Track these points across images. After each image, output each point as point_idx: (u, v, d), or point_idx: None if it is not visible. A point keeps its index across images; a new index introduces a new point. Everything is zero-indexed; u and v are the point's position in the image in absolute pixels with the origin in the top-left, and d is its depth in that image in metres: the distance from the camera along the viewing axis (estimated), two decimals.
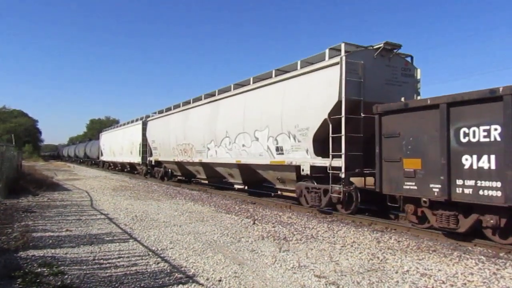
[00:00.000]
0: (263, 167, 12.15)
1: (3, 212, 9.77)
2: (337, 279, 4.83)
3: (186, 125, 17.30)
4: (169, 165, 20.46)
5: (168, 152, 19.61)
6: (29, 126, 76.81)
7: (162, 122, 20.65)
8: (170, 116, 19.73)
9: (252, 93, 12.72)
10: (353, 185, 9.32)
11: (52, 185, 17.77)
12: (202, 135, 15.61)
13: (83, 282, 4.70)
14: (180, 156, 18.02)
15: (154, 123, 22.18)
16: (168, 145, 19.39)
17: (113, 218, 9.23)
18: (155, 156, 21.88)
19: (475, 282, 4.75)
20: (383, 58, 9.77)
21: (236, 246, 6.54)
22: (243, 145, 12.84)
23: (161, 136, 20.44)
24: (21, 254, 5.84)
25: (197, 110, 16.68)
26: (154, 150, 21.98)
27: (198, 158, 16.11)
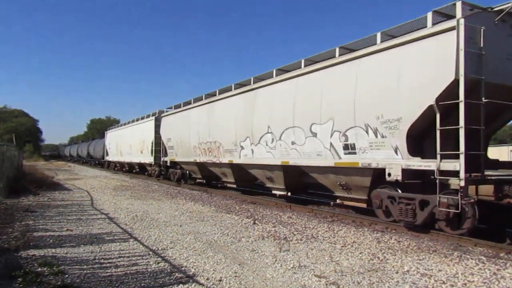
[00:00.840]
0: (321, 170, 9.84)
1: (3, 211, 9.79)
2: (337, 279, 4.83)
3: (212, 120, 14.90)
4: (188, 166, 17.99)
5: (187, 152, 17.13)
6: (29, 125, 76.79)
7: (180, 117, 17.99)
8: (190, 111, 17.06)
9: (306, 78, 10.18)
10: (473, 197, 7.13)
11: (52, 185, 17.78)
12: (234, 131, 13.25)
13: (83, 281, 4.71)
14: (203, 156, 15.72)
15: (169, 119, 19.43)
16: (188, 143, 16.91)
17: (114, 218, 9.23)
18: (171, 156, 19.26)
19: (476, 282, 4.75)
20: (505, 25, 7.35)
21: (236, 246, 6.54)
22: (293, 142, 10.42)
23: (179, 134, 17.92)
24: (22, 254, 5.85)
25: (225, 103, 14.18)
26: (169, 150, 19.33)
27: (228, 158, 13.81)
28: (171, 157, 19.27)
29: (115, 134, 32.68)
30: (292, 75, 10.78)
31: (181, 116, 17.97)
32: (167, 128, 19.73)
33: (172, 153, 19.06)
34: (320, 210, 10.34)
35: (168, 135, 19.46)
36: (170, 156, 19.36)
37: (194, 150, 16.40)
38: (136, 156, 25.73)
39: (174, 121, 18.75)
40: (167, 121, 19.89)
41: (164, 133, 20.05)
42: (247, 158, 12.71)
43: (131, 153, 26.85)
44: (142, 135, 24.02)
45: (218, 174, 15.67)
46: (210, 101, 15.33)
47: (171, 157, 19.33)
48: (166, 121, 19.95)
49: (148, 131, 22.90)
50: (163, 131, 20.28)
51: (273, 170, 11.69)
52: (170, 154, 19.42)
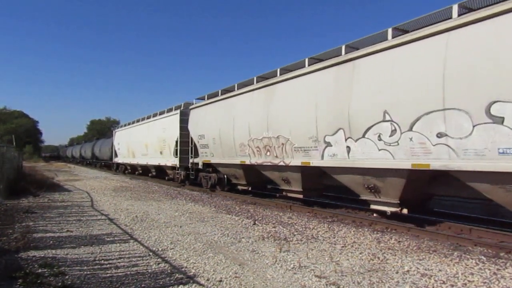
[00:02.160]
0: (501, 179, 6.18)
1: (3, 212, 9.78)
2: (337, 280, 4.84)
3: (272, 108, 11.14)
4: (228, 169, 14.29)
5: (229, 151, 13.51)
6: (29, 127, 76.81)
7: (218, 108, 14.36)
8: (234, 100, 13.37)
9: (465, 32, 6.52)
10: None
11: (52, 186, 17.77)
12: (313, 122, 9.51)
13: (83, 282, 4.71)
14: (256, 157, 12.01)
15: (202, 112, 15.74)
16: (230, 140, 13.28)
17: (114, 219, 9.23)
18: (204, 157, 15.53)
19: (476, 282, 4.76)
20: None
21: (236, 247, 6.55)
22: (440, 134, 6.81)
23: (217, 129, 14.13)
24: (22, 255, 5.85)
25: (295, 84, 10.42)
26: (202, 149, 15.59)
27: (299, 159, 10.15)
28: (205, 158, 15.46)
29: (126, 132, 28.42)
30: (439, 29, 6.91)
31: (220, 107, 14.26)
32: (198, 123, 15.89)
33: (206, 153, 15.31)
34: (320, 211, 10.34)
35: (200, 131, 15.62)
36: (204, 157, 15.56)
37: (241, 149, 12.69)
38: (154, 158, 21.70)
39: (209, 114, 15.01)
40: (198, 114, 16.12)
41: (194, 129, 16.25)
42: (337, 159, 9.04)
43: (147, 154, 22.90)
44: (163, 132, 20.09)
45: (276, 180, 11.95)
46: (266, 84, 11.57)
47: (204, 158, 15.51)
48: (197, 114, 16.17)
49: (170, 127, 19.06)
50: (192, 127, 16.51)
51: (386, 177, 8.12)
52: (203, 154, 15.63)
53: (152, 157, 22.03)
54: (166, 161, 19.80)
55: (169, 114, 19.73)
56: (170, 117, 19.47)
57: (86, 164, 49.84)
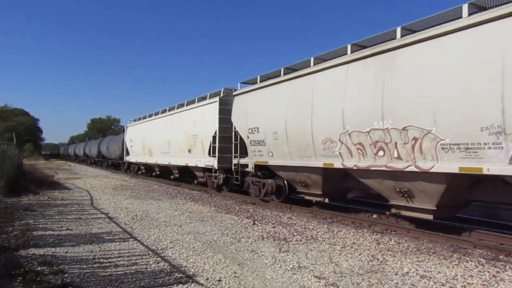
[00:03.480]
0: None
1: (3, 210, 9.79)
2: (336, 280, 4.84)
3: (393, 85, 7.65)
4: (295, 174, 10.82)
5: (300, 150, 10.14)
6: (30, 125, 76.82)
7: (283, 92, 10.90)
8: (310, 79, 9.90)
9: None
10: None
11: (52, 184, 17.78)
12: (498, 99, 5.94)
13: (83, 281, 4.71)
14: (354, 158, 8.61)
15: (255, 98, 12.30)
16: (305, 135, 9.85)
17: (113, 217, 9.24)
18: (256, 157, 12.24)
19: (475, 284, 4.75)
20: None
21: (236, 246, 6.55)
22: None
23: (281, 119, 10.72)
24: (22, 253, 5.85)
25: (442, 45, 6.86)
26: (255, 146, 12.20)
27: (456, 162, 6.60)
28: (258, 158, 12.20)
29: (141, 127, 24.60)
30: None
31: (285, 90, 10.83)
32: (248, 113, 12.54)
33: (261, 153, 12.03)
34: (319, 211, 10.34)
35: (251, 123, 12.31)
36: (256, 156, 12.31)
37: (326, 147, 9.28)
38: (179, 157, 18.11)
39: (267, 100, 11.62)
40: (248, 101, 12.69)
41: (242, 121, 12.91)
42: None
43: (169, 152, 19.35)
44: (193, 126, 16.54)
45: (384, 192, 8.43)
46: (378, 51, 8.05)
47: (257, 158, 12.24)
48: (246, 102, 12.76)
49: (205, 119, 15.52)
50: (238, 118, 13.21)
51: None
52: (255, 153, 12.33)
53: (177, 156, 18.43)
54: (197, 161, 16.15)
55: (203, 104, 15.96)
56: (204, 107, 15.77)
57: (91, 163, 46.83)
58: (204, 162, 15.45)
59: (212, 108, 14.89)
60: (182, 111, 18.15)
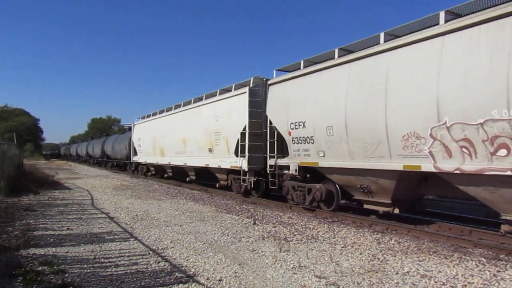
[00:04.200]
0: None
1: (4, 210, 9.79)
2: (337, 280, 4.84)
3: None
4: (356, 178, 8.92)
5: (366, 148, 8.36)
6: (30, 125, 76.88)
7: (340, 77, 9.03)
8: (381, 59, 8.10)
9: None
10: None
11: (53, 184, 17.79)
12: None
13: (84, 280, 4.71)
14: (457, 160, 6.73)
15: (299, 86, 10.43)
16: (375, 129, 8.06)
17: (114, 217, 9.24)
18: (301, 158, 10.37)
19: (476, 283, 4.75)
20: None
21: (236, 246, 6.55)
22: None
23: (338, 110, 8.90)
24: (22, 253, 5.86)
25: None
26: (299, 144, 10.29)
27: None
28: (304, 159, 10.21)
29: (151, 125, 22.68)
30: None
31: (344, 74, 8.90)
32: (290, 104, 10.58)
33: (307, 152, 10.05)
34: (320, 211, 10.33)
35: (294, 116, 10.38)
36: (301, 157, 10.32)
37: (409, 144, 7.44)
38: (197, 157, 16.11)
39: (316, 88, 9.75)
40: (289, 90, 10.81)
41: (281, 114, 11.01)
42: None
43: (185, 152, 17.39)
44: (216, 122, 14.51)
45: (501, 205, 6.54)
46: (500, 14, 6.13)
47: (303, 159, 10.25)
48: (287, 91, 10.87)
49: (231, 114, 13.54)
50: (275, 111, 11.33)
51: None
52: (299, 153, 10.40)
53: (194, 156, 16.46)
54: (220, 161, 14.14)
55: (227, 96, 13.94)
56: (230, 100, 13.73)
57: (94, 163, 44.88)
58: (230, 163, 13.37)
59: (240, 101, 12.83)
60: (201, 105, 15.98)
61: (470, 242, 6.81)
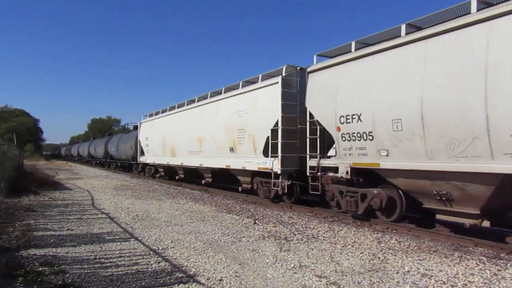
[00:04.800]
0: None
1: (4, 211, 9.79)
2: (338, 279, 4.83)
3: None
4: (431, 183, 7.24)
5: (448, 143, 6.78)
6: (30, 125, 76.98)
7: (421, 54, 7.23)
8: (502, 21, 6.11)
9: None
10: None
11: (53, 184, 17.77)
12: None
13: (84, 281, 4.71)
14: None
15: (360, 68, 8.57)
16: (475, 120, 6.30)
17: (114, 218, 9.24)
18: (354, 158, 8.74)
19: (476, 282, 4.75)
20: None
21: (237, 246, 6.55)
22: None
23: (415, 99, 7.22)
24: (23, 253, 5.85)
25: None
26: (352, 142, 8.70)
27: None
28: (359, 159, 8.60)
29: (160, 123, 21.10)
30: None
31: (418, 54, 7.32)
32: (339, 94, 8.97)
33: (364, 151, 8.43)
34: (320, 210, 10.33)
35: (345, 107, 8.80)
36: (354, 156, 8.68)
37: None
38: (216, 157, 14.48)
39: (373, 73, 8.20)
40: (337, 77, 9.13)
41: (327, 106, 9.31)
42: None
43: (201, 151, 15.79)
44: (238, 118, 12.92)
45: None
46: None
47: (357, 159, 8.64)
48: (335, 79, 9.18)
49: (257, 108, 12.03)
50: (320, 102, 9.61)
51: None
52: (351, 152, 8.73)
53: (212, 156, 14.85)
54: (245, 162, 12.55)
55: (254, 88, 12.39)
56: (257, 92, 12.19)
57: (96, 164, 43.44)
58: (257, 164, 11.87)
59: (271, 92, 11.31)
60: (220, 99, 14.37)
61: (470, 241, 6.80)
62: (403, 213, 8.18)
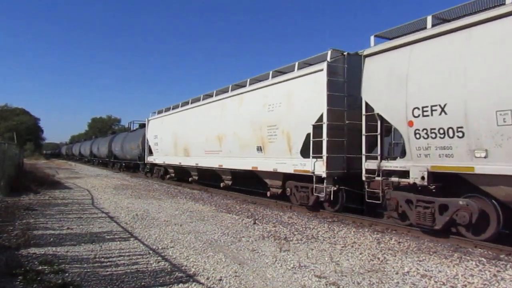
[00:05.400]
0: None
1: (4, 210, 9.80)
2: (337, 280, 4.84)
3: None
4: None
5: None
6: (30, 124, 76.95)
7: None
8: None
9: None
10: None
11: (53, 184, 17.79)
12: None
13: (84, 280, 4.72)
14: None
15: (443, 47, 6.85)
16: None
17: (114, 217, 9.25)
18: (438, 160, 6.94)
19: (476, 283, 4.75)
20: None
21: (236, 246, 6.55)
22: None
23: None
24: (22, 252, 5.86)
25: None
26: (431, 140, 7.01)
27: None
28: (441, 161, 6.96)
29: (171, 120, 19.27)
30: None
31: None
32: (411, 80, 7.40)
33: (449, 151, 6.80)
34: (320, 211, 10.32)
35: (420, 97, 7.23)
36: (433, 158, 7.06)
37: None
38: (238, 157, 12.92)
39: (466, 52, 6.52)
40: (406, 61, 7.55)
41: (392, 96, 7.76)
42: None
43: (221, 151, 14.06)
44: (268, 112, 11.29)
45: None
46: None
47: (438, 161, 7.00)
48: (403, 62, 7.60)
49: (293, 101, 10.42)
50: (383, 92, 8.03)
51: None
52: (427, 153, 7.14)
53: (234, 156, 13.20)
54: (277, 163, 10.91)
55: (288, 78, 10.72)
56: (292, 83, 10.56)
57: (99, 164, 41.85)
58: (293, 165, 10.24)
59: (312, 82, 9.75)
60: (244, 92, 12.72)
61: (470, 242, 6.80)
62: (499, 230, 6.65)
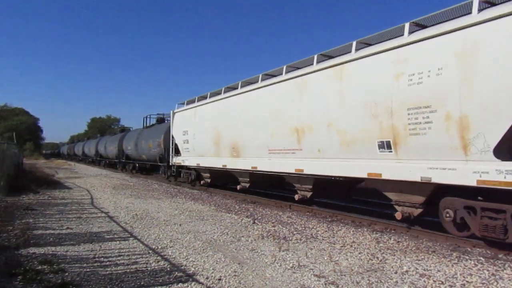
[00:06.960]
0: None
1: (4, 209, 9.80)
2: (336, 279, 4.85)
3: None
4: None
5: None
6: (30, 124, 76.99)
7: None
8: None
9: None
10: None
11: (53, 183, 17.79)
12: None
13: (83, 279, 4.72)
14: None
15: None
16: None
17: (114, 217, 9.25)
18: None
19: (474, 283, 4.76)
20: None
21: (236, 245, 6.56)
22: None
23: None
24: (22, 252, 5.87)
25: None
26: None
27: None
28: None
29: (208, 111, 14.96)
30: None
31: None
32: None
33: None
34: (319, 210, 10.34)
35: None
36: None
37: None
38: (333, 158, 8.80)
39: None
40: None
41: None
42: None
43: (300, 149, 9.84)
44: (409, 87, 6.81)
45: None
46: None
47: None
48: None
49: (477, 63, 5.81)
50: None
51: None
52: None
53: (326, 156, 9.04)
54: (428, 168, 6.67)
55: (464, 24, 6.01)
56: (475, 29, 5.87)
57: (105, 165, 37.24)
58: (475, 173, 5.99)
59: None
60: (349, 60, 8.26)
61: (469, 242, 6.82)
62: None
